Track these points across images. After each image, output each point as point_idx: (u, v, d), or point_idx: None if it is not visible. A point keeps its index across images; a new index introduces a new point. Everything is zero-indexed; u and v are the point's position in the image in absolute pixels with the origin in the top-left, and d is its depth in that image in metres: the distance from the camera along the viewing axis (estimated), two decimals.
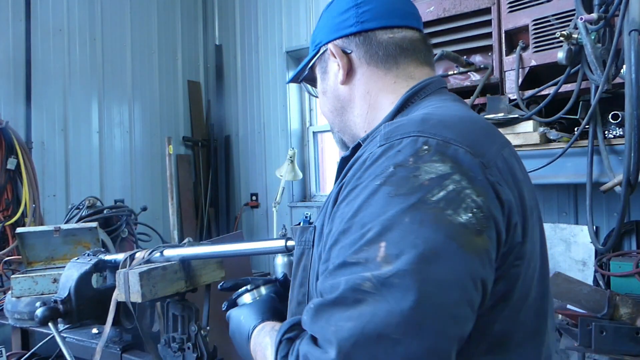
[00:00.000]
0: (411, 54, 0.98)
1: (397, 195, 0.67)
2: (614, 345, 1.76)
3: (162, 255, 1.51)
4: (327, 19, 1.04)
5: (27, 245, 2.48)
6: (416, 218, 0.65)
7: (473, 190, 0.68)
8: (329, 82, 1.04)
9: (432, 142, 0.71)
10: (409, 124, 0.76)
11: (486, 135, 0.79)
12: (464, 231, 0.65)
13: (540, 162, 1.94)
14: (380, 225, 0.66)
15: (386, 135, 0.75)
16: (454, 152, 0.71)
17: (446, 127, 0.75)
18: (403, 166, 0.69)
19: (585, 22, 1.76)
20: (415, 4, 2.56)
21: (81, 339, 1.91)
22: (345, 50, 0.99)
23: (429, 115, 0.79)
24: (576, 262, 2.62)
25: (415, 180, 0.68)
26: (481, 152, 0.73)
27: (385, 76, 0.98)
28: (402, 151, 0.71)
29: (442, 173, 0.68)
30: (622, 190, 1.73)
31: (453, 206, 0.66)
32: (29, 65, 3.60)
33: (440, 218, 0.65)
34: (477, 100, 2.17)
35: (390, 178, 0.69)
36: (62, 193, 3.81)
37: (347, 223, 0.70)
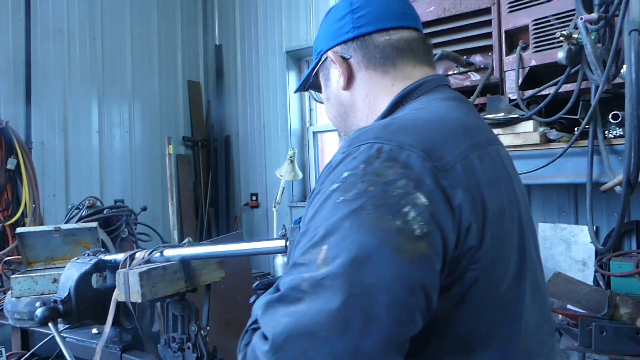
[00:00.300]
0: (408, 54, 0.99)
1: (344, 200, 0.70)
2: (614, 345, 1.76)
3: (162, 255, 1.51)
4: (326, 27, 1.06)
5: (27, 245, 2.48)
6: (355, 223, 0.68)
7: (418, 195, 0.70)
8: (332, 88, 1.06)
9: (385, 148, 0.74)
10: (372, 129, 0.78)
11: (452, 137, 0.80)
12: (400, 237, 0.67)
13: (540, 162, 1.94)
14: (324, 229, 0.69)
15: (350, 141, 0.78)
16: (406, 157, 0.73)
17: (406, 131, 0.77)
18: (354, 172, 0.72)
19: (585, 22, 1.75)
20: (415, 4, 2.57)
21: (81, 339, 1.91)
22: (344, 56, 1.01)
23: (394, 119, 0.83)
24: (576, 262, 2.62)
25: (361, 186, 0.70)
26: (437, 156, 0.74)
27: (383, 79, 0.99)
28: (356, 158, 0.74)
29: (388, 179, 0.70)
30: (622, 190, 1.73)
31: (393, 212, 0.68)
32: (29, 65, 3.60)
33: (378, 223, 0.67)
34: (477, 100, 2.17)
35: (342, 184, 0.72)
36: (62, 193, 3.81)
37: (306, 226, 0.74)
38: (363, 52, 1.00)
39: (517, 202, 0.86)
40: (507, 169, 0.89)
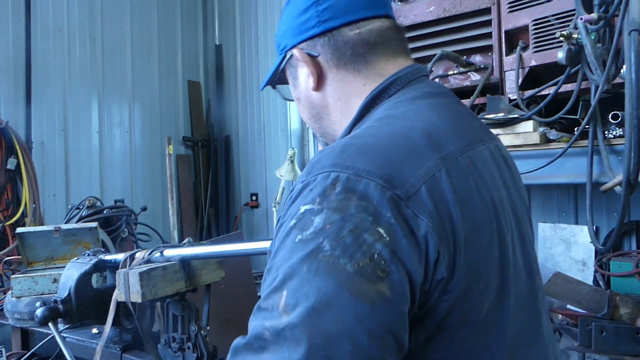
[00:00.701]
0: (381, 47, 0.91)
1: (301, 240, 0.66)
2: (614, 345, 1.76)
3: (162, 255, 1.51)
4: (288, 20, 0.97)
5: (27, 245, 2.48)
6: (312, 266, 0.64)
7: (377, 231, 0.65)
8: (301, 88, 0.98)
9: (342, 178, 0.68)
10: (329, 154, 0.72)
11: (416, 154, 0.73)
12: (359, 279, 0.63)
13: (540, 162, 1.94)
14: (284, 273, 0.66)
15: (308, 169, 0.73)
16: (364, 188, 0.67)
17: (365, 154, 0.71)
18: (310, 207, 0.68)
19: (585, 22, 1.75)
20: (415, 4, 2.57)
21: (81, 339, 1.91)
22: (312, 54, 0.92)
23: (355, 138, 0.76)
24: (576, 262, 2.62)
25: (317, 224, 0.66)
26: (399, 182, 0.68)
27: (355, 79, 0.91)
28: (313, 190, 0.69)
29: (344, 215, 0.66)
30: (622, 190, 1.73)
31: (349, 252, 0.64)
32: (29, 65, 3.60)
33: (335, 266, 0.63)
34: (477, 100, 2.17)
35: (299, 221, 0.68)
36: (62, 193, 3.81)
37: (269, 263, 0.70)
38: (332, 49, 0.91)
39: (499, 210, 0.79)
40: (482, 173, 0.80)
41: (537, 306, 0.87)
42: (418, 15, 2.35)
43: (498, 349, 0.76)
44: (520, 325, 0.81)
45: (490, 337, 0.76)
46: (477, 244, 0.73)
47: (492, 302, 0.75)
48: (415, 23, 2.35)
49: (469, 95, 2.19)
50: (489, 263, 0.75)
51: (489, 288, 0.75)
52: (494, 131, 2.05)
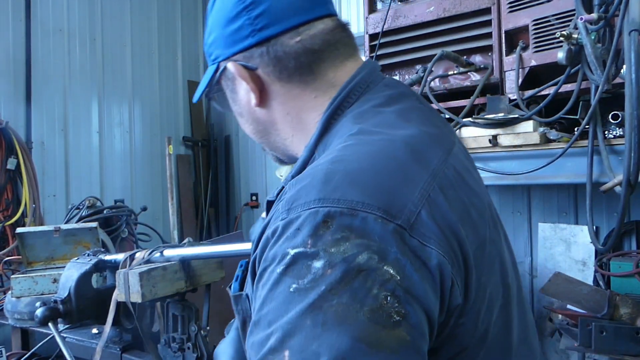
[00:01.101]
0: (327, 54, 0.82)
1: (298, 290, 0.57)
2: (614, 345, 1.76)
3: (162, 255, 1.51)
4: (216, 27, 0.85)
5: (27, 245, 2.48)
6: (318, 320, 0.55)
7: (385, 270, 0.58)
8: (242, 104, 0.87)
9: (334, 214, 0.60)
10: (310, 186, 0.64)
11: (406, 175, 0.66)
12: (374, 327, 0.55)
13: (540, 162, 1.94)
14: (282, 330, 0.56)
15: (287, 204, 0.64)
16: (362, 222, 0.59)
17: (354, 183, 0.63)
18: (301, 250, 0.59)
19: (585, 22, 1.75)
20: (415, 4, 2.57)
21: (81, 339, 1.92)
22: (250, 67, 0.82)
23: (334, 167, 0.66)
24: (576, 262, 2.62)
25: (316, 270, 0.58)
26: (398, 210, 0.61)
27: (304, 92, 0.82)
28: (301, 229, 0.60)
29: (346, 256, 0.57)
30: (622, 190, 1.73)
31: (359, 298, 0.56)
32: (29, 65, 3.60)
33: (345, 316, 0.55)
34: (477, 100, 2.17)
35: (290, 267, 0.59)
36: (62, 193, 3.81)
37: (257, 314, 0.61)
38: (272, 61, 0.81)
39: (488, 217, 0.75)
40: (467, 181, 0.75)
41: (526, 313, 0.85)
42: (418, 15, 2.35)
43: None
44: (519, 334, 0.79)
45: (499, 351, 0.73)
46: (483, 261, 0.69)
47: (498, 314, 0.73)
48: (415, 23, 2.35)
49: (469, 95, 2.19)
50: (493, 277, 0.72)
51: (496, 301, 0.73)
52: (493, 131, 2.05)
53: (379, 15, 2.48)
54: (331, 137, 0.77)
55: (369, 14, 2.53)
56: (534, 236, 2.82)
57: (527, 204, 2.85)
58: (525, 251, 2.86)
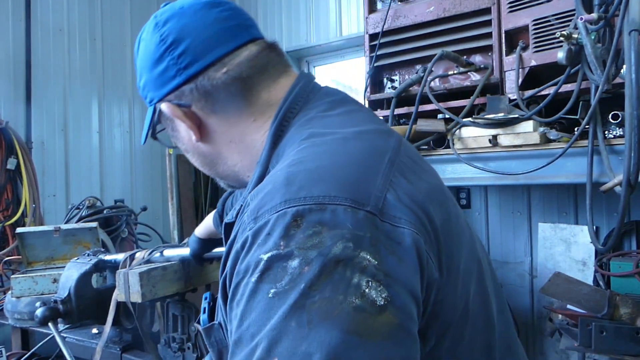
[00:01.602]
0: (256, 78, 0.82)
1: (277, 294, 0.56)
2: (614, 345, 1.76)
3: (162, 255, 1.51)
4: (144, 70, 0.86)
5: (27, 245, 2.48)
6: (303, 320, 0.53)
7: (362, 256, 0.57)
8: (185, 141, 0.89)
9: (303, 211, 0.59)
10: (273, 191, 0.63)
11: (365, 163, 0.67)
12: (361, 317, 0.54)
13: (540, 162, 1.94)
14: (267, 338, 0.54)
15: (253, 213, 0.63)
16: (332, 215, 0.59)
17: (317, 180, 0.63)
18: (275, 254, 0.58)
19: (585, 22, 1.75)
20: (415, 4, 2.56)
21: (81, 339, 1.91)
22: (183, 105, 0.83)
23: (294, 169, 0.66)
24: (576, 262, 2.62)
25: (292, 269, 0.56)
26: (365, 196, 0.62)
27: (241, 119, 0.83)
28: (271, 234, 0.59)
29: (321, 249, 0.57)
30: (622, 190, 1.73)
31: (341, 289, 0.55)
32: (29, 65, 3.60)
33: (330, 311, 0.54)
34: (477, 100, 2.17)
35: (265, 272, 0.57)
36: (62, 193, 3.81)
37: (237, 332, 0.58)
38: (203, 96, 0.81)
39: (447, 193, 0.77)
40: (422, 165, 0.77)
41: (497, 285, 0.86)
42: (418, 15, 2.35)
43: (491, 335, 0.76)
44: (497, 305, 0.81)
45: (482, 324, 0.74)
46: (451, 236, 0.70)
47: (475, 288, 0.74)
48: (415, 23, 2.35)
49: (469, 95, 2.19)
50: (464, 251, 0.73)
51: (471, 276, 0.74)
52: (493, 131, 2.05)
53: (379, 15, 2.48)
54: (282, 148, 0.77)
55: (369, 14, 2.52)
56: (534, 236, 2.82)
57: (527, 204, 2.85)
58: (525, 251, 2.86)
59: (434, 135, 2.21)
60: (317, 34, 4.00)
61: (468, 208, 3.05)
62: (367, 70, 2.53)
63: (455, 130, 2.15)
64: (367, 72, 2.53)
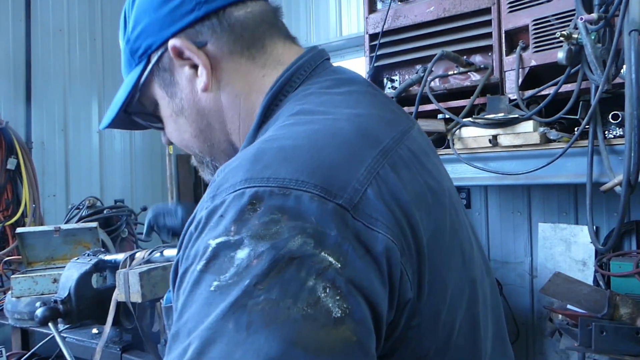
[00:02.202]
0: (276, 29, 0.76)
1: (219, 287, 0.47)
2: (614, 345, 1.76)
3: (162, 255, 1.51)
4: (145, 14, 0.75)
5: (27, 245, 2.48)
6: (242, 322, 0.45)
7: (323, 256, 0.48)
8: (184, 94, 0.76)
9: (263, 194, 0.50)
10: (238, 168, 0.55)
11: (350, 151, 0.57)
12: (311, 327, 0.46)
13: (540, 162, 1.94)
14: (199, 338, 0.46)
15: (212, 191, 0.55)
16: (296, 202, 0.50)
17: (287, 160, 0.54)
18: (224, 240, 0.49)
19: (585, 22, 1.75)
20: (415, 4, 2.57)
21: (81, 339, 1.91)
22: (199, 42, 0.73)
23: (266, 143, 0.58)
24: (576, 262, 2.62)
25: (239, 261, 0.48)
26: (338, 188, 0.52)
27: (254, 68, 0.75)
28: (224, 216, 0.51)
29: (275, 242, 0.48)
30: (622, 190, 1.73)
31: (292, 292, 0.46)
32: (29, 65, 3.60)
33: (274, 315, 0.46)
34: (477, 100, 2.17)
35: (211, 262, 0.49)
36: (62, 193, 3.81)
37: (175, 325, 0.51)
38: (226, 32, 0.73)
39: (446, 201, 0.66)
40: (424, 163, 0.67)
41: (500, 319, 0.75)
42: (418, 15, 2.35)
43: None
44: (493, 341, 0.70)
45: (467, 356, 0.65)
46: (441, 252, 0.61)
47: (463, 317, 0.64)
48: (415, 23, 2.35)
49: (469, 95, 2.19)
50: (455, 271, 0.63)
51: (460, 302, 0.64)
52: (493, 131, 2.05)
53: (379, 15, 2.48)
54: (271, 123, 0.69)
55: (369, 14, 2.52)
56: (534, 236, 2.82)
57: (527, 204, 2.85)
58: (525, 251, 2.86)
59: (434, 135, 2.21)
60: (317, 34, 4.00)
61: (468, 208, 3.04)
62: (367, 70, 2.53)
63: (455, 130, 2.15)
64: (367, 72, 2.53)
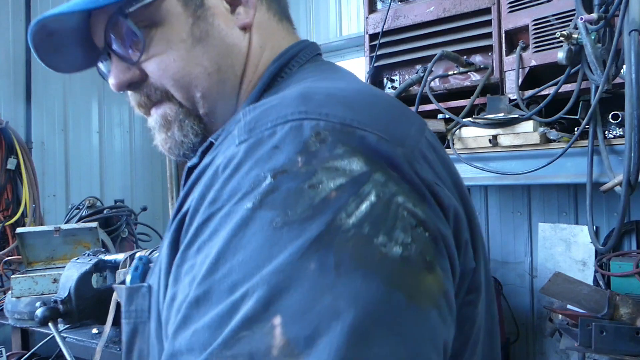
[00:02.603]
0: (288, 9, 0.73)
1: (288, 223, 0.39)
2: (614, 345, 1.76)
3: None
4: None
5: (27, 245, 2.48)
6: (329, 261, 0.37)
7: (405, 196, 0.42)
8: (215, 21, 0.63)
9: (326, 127, 0.43)
10: (282, 103, 0.47)
11: (399, 112, 0.52)
12: (409, 269, 0.39)
13: (540, 162, 1.94)
14: (265, 284, 0.36)
15: (249, 124, 0.46)
16: (362, 140, 0.44)
17: (341, 103, 0.47)
18: (288, 172, 0.41)
19: (585, 22, 1.75)
20: (415, 4, 2.57)
21: (81, 339, 1.91)
22: None
23: (311, 88, 0.50)
24: (576, 262, 2.62)
25: (314, 194, 0.40)
26: (401, 135, 0.47)
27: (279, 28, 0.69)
28: (280, 147, 0.43)
29: (357, 174, 0.41)
30: (622, 190, 1.73)
31: (385, 228, 0.40)
32: (29, 65, 3.60)
33: (370, 253, 0.38)
34: (477, 100, 2.17)
35: (270, 195, 0.40)
36: (62, 193, 3.81)
37: (201, 284, 0.39)
38: None
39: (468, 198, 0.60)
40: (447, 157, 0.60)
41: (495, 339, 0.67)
42: (418, 15, 2.35)
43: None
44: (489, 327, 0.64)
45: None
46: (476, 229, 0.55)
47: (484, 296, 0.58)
48: (415, 23, 2.35)
49: (469, 95, 2.19)
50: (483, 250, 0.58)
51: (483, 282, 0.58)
52: (493, 131, 2.05)
53: (379, 15, 2.48)
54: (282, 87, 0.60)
55: (369, 14, 2.53)
56: (534, 236, 2.82)
57: (527, 204, 2.85)
58: (525, 251, 2.86)
59: None
60: (317, 34, 4.00)
61: None
62: (367, 70, 2.53)
63: (455, 130, 2.15)
64: (367, 72, 2.53)
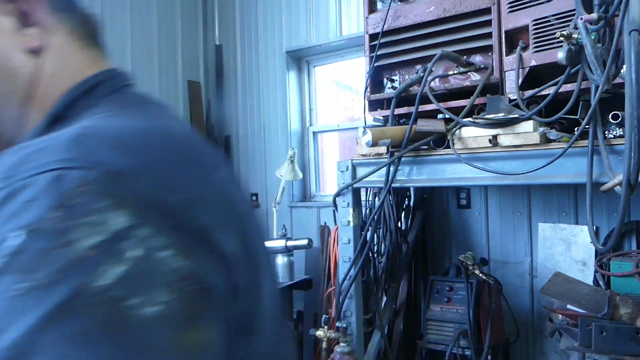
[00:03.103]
0: (98, 31, 0.66)
1: (34, 289, 0.35)
2: (614, 345, 1.76)
3: None
4: None
5: None
6: (75, 329, 0.34)
7: (175, 249, 0.40)
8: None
9: (92, 176, 0.40)
10: (50, 147, 0.42)
11: (184, 155, 0.48)
12: (165, 328, 0.37)
13: (540, 162, 1.94)
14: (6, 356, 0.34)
15: (8, 171, 0.41)
16: (131, 190, 0.40)
17: (117, 147, 0.43)
18: (40, 229, 0.37)
19: (585, 22, 1.75)
20: (415, 4, 2.58)
21: None
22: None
23: (89, 129, 0.46)
24: (576, 262, 2.62)
25: (66, 254, 0.36)
26: (179, 184, 0.44)
27: (82, 55, 0.62)
28: (37, 200, 0.38)
29: (118, 229, 0.38)
30: (622, 190, 1.73)
31: (142, 288, 0.37)
32: None
33: (121, 318, 0.36)
34: (477, 100, 2.17)
35: (16, 257, 0.36)
36: None
37: None
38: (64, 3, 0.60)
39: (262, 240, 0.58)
40: (244, 195, 0.61)
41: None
42: (418, 15, 2.35)
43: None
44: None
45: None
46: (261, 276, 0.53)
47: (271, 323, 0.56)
48: (415, 23, 2.35)
49: (469, 95, 2.19)
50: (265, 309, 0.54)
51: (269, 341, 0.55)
52: (493, 131, 2.05)
53: (379, 15, 2.48)
54: (74, 120, 0.54)
55: (369, 14, 2.53)
56: (534, 236, 2.82)
57: (527, 204, 2.85)
58: (525, 251, 2.86)
59: (434, 136, 2.21)
60: (317, 34, 4.00)
61: (468, 208, 3.05)
62: (367, 70, 2.53)
63: (455, 130, 2.15)
64: (367, 72, 2.53)
